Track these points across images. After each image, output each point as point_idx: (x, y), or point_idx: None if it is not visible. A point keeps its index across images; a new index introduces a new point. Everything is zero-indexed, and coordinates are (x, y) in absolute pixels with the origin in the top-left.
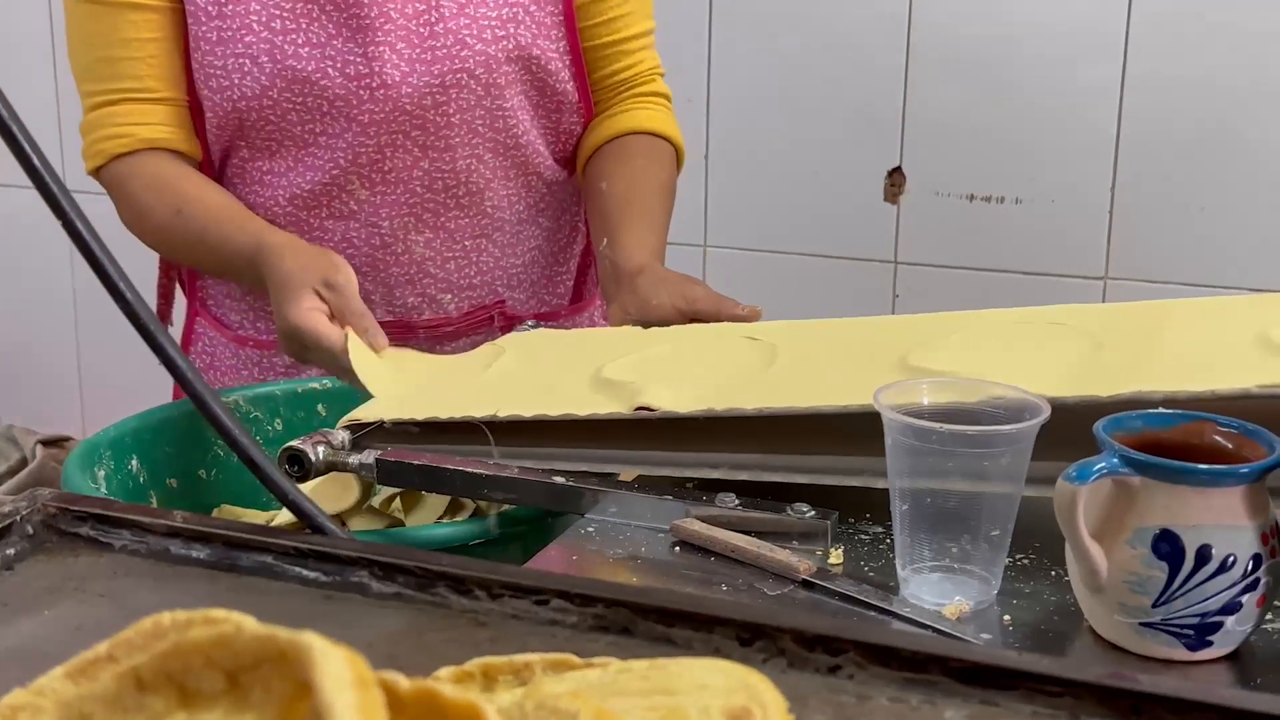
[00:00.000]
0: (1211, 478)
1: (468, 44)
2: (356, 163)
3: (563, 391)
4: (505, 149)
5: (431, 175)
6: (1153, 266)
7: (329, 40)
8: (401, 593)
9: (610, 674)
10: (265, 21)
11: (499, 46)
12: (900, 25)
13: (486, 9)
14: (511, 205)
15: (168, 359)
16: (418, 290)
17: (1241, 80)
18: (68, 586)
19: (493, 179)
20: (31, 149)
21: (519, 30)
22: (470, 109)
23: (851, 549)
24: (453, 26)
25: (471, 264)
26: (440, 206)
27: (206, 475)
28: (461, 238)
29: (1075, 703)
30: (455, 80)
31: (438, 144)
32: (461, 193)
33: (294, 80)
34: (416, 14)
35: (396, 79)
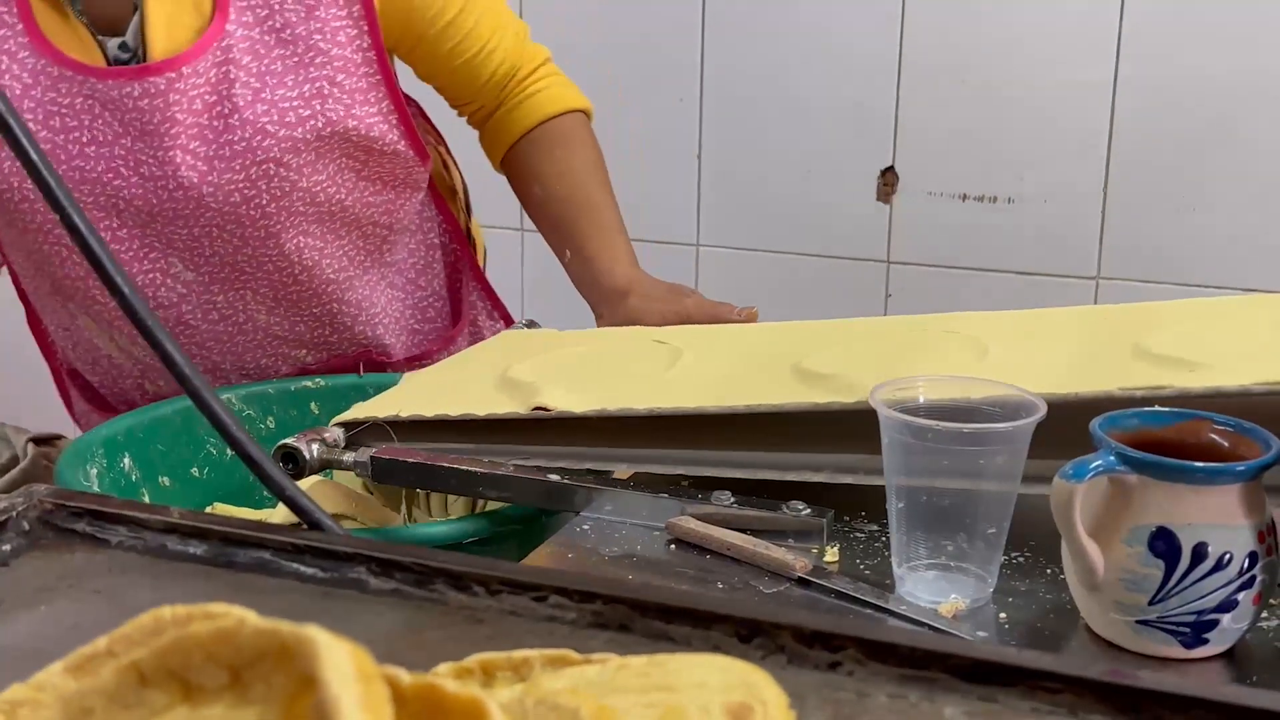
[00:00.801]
0: (1208, 476)
1: (268, 132)
2: (173, 247)
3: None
4: (332, 217)
5: (258, 258)
6: (1145, 266)
7: (116, 140)
8: (399, 589)
9: (609, 670)
10: (43, 120)
11: (305, 128)
12: (893, 25)
13: (285, 89)
14: (354, 262)
15: (165, 354)
16: (269, 352)
17: (1233, 81)
18: (64, 583)
19: (325, 247)
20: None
21: (327, 106)
22: (285, 195)
23: (847, 547)
24: (249, 116)
25: (323, 325)
26: (276, 284)
27: (199, 473)
28: (307, 306)
29: (1075, 699)
30: (262, 173)
31: (257, 233)
32: (296, 270)
33: (83, 180)
34: (207, 107)
35: (195, 180)
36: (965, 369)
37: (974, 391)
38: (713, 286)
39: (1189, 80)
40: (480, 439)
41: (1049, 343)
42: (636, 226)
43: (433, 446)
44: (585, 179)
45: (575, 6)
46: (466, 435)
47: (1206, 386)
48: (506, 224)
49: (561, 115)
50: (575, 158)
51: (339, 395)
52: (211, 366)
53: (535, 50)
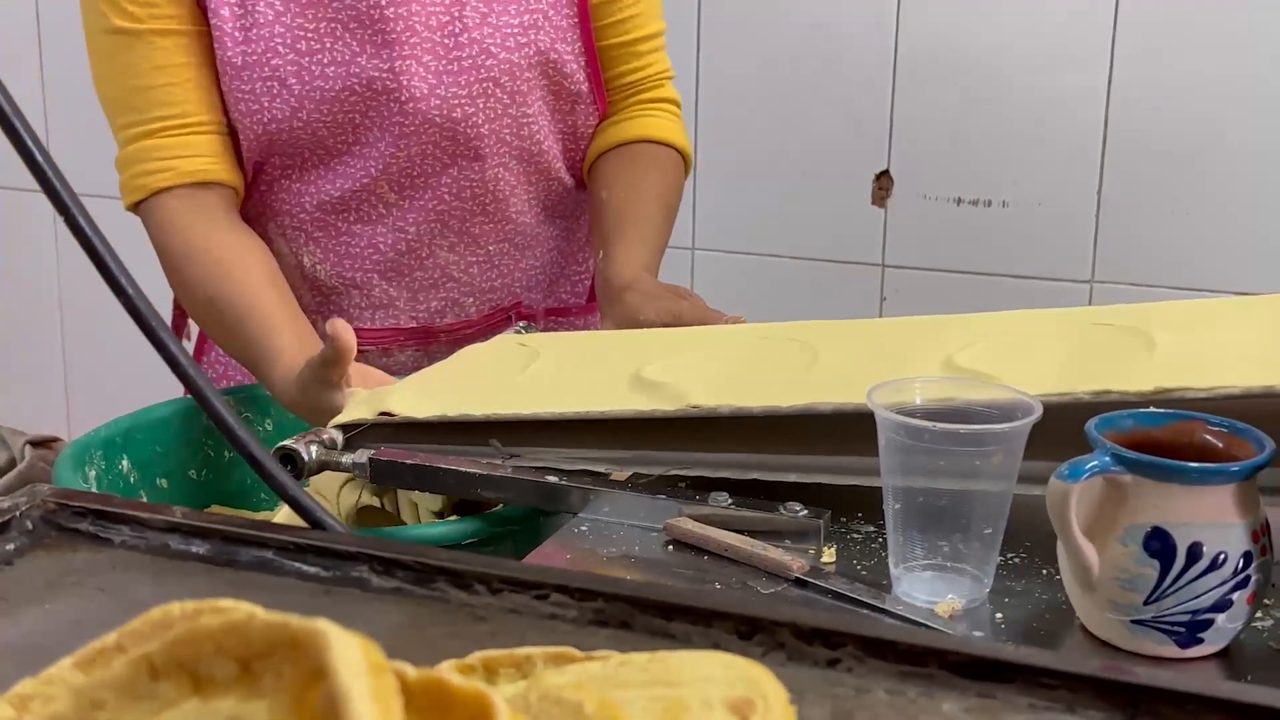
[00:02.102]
0: (1202, 476)
1: (492, 53)
2: (386, 172)
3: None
4: (529, 156)
5: (460, 184)
6: (1139, 270)
7: (354, 58)
8: (401, 587)
9: (611, 666)
10: (291, 44)
11: (521, 54)
12: (888, 29)
13: (509, 16)
14: (532, 209)
15: (169, 355)
16: (441, 295)
17: (1227, 84)
18: (67, 581)
19: (517, 186)
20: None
21: (539, 36)
22: (498, 118)
23: (844, 548)
24: (476, 36)
25: (494, 268)
26: (466, 214)
27: (197, 475)
28: (485, 243)
29: (1072, 696)
30: (482, 90)
31: (466, 153)
32: (488, 200)
33: (323, 100)
34: (440, 25)
35: (425, 91)
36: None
37: (970, 393)
38: (708, 290)
39: (1182, 84)
40: (478, 440)
41: (1044, 343)
42: None
43: (431, 447)
44: (649, 196)
45: None
46: (464, 436)
47: (1201, 388)
48: None
49: (662, 144)
50: (651, 178)
51: None
52: (387, 302)
53: (672, 90)
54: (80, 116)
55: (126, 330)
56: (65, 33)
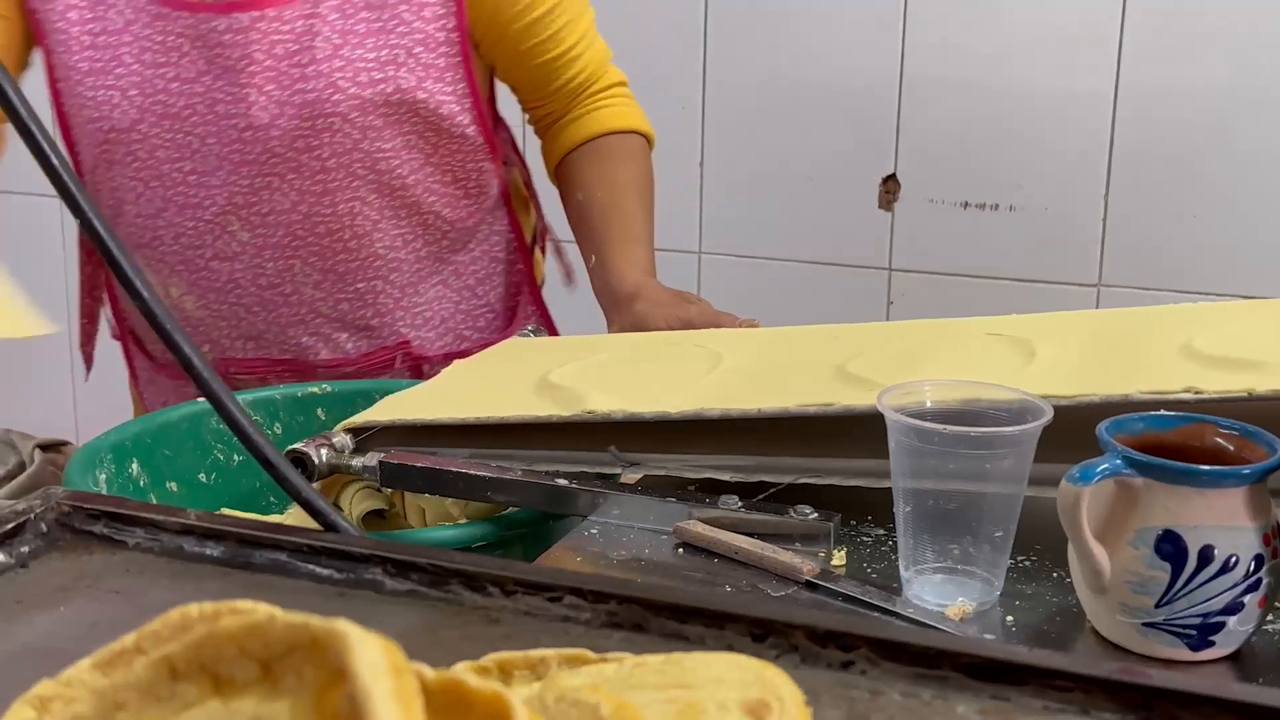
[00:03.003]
0: (1213, 479)
1: (339, 86)
2: (233, 203)
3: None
4: (391, 191)
5: (311, 219)
6: (1146, 273)
7: (198, 77)
8: (415, 590)
9: (626, 668)
10: (137, 54)
11: (375, 90)
12: (895, 33)
13: (364, 50)
14: (409, 245)
15: (184, 358)
16: (311, 330)
17: (1234, 88)
18: (82, 584)
19: (380, 220)
20: (50, 148)
21: (400, 73)
22: (345, 152)
23: (854, 551)
24: (324, 69)
25: (367, 305)
26: (325, 250)
27: (207, 479)
28: (352, 280)
29: (1086, 698)
30: (326, 124)
31: (314, 188)
32: (348, 236)
33: (164, 115)
34: (288, 54)
35: (265, 120)
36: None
37: (980, 395)
38: (715, 294)
39: (1188, 89)
40: (488, 444)
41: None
42: None
43: (441, 451)
44: (626, 190)
45: None
46: (474, 440)
47: (1213, 391)
48: None
49: (623, 133)
50: (623, 171)
51: (346, 401)
52: (256, 334)
53: (615, 72)
54: None
55: None
56: None
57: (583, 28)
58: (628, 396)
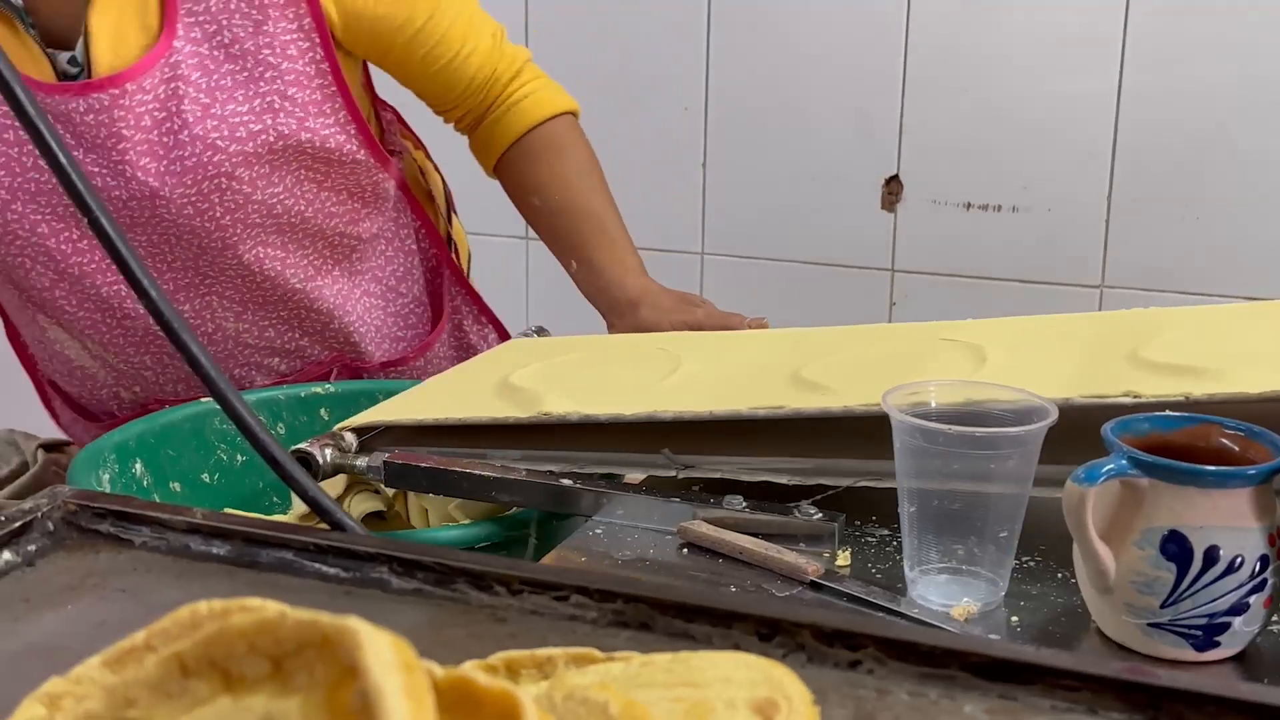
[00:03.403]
0: (1219, 479)
1: (219, 147)
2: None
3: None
4: (292, 228)
5: (218, 267)
6: (1149, 275)
7: (71, 151)
8: (421, 589)
9: (633, 667)
10: None
11: (258, 142)
12: (897, 34)
13: (235, 104)
14: (320, 274)
15: (191, 357)
16: (241, 361)
17: (1237, 90)
18: (89, 582)
19: (287, 257)
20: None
21: (279, 120)
22: (239, 207)
23: (859, 551)
24: (199, 132)
25: (293, 329)
26: (239, 288)
27: (210, 479)
28: (275, 309)
29: (1093, 697)
30: (214, 185)
31: (214, 244)
32: (259, 278)
33: (38, 193)
34: (156, 123)
35: (147, 194)
36: (965, 376)
37: (985, 396)
38: (717, 295)
39: (1192, 90)
40: (493, 444)
41: (1053, 349)
42: (642, 235)
43: (446, 451)
44: (583, 185)
45: (581, 16)
46: (479, 440)
47: (1219, 392)
48: (511, 232)
49: (550, 120)
50: (569, 164)
51: (349, 401)
52: (185, 376)
53: (515, 52)
54: None
55: None
56: None
57: (464, 22)
58: (631, 399)
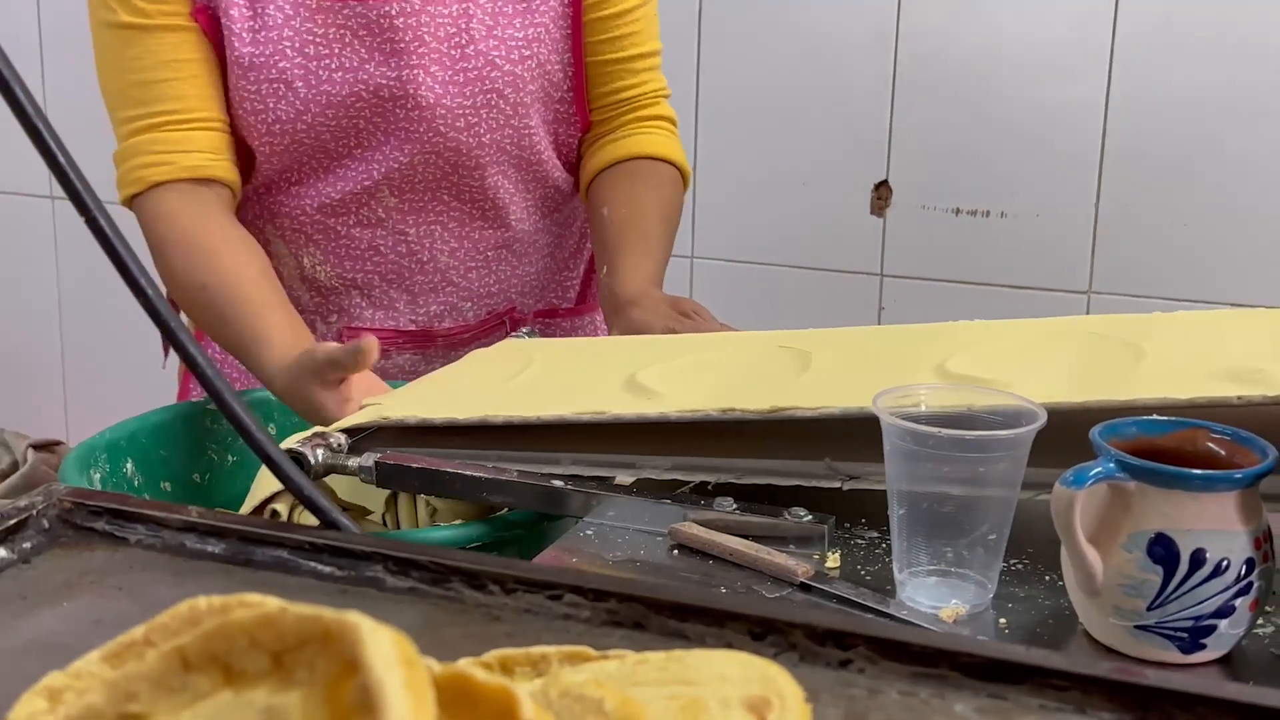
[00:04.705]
0: (1206, 483)
1: (497, 65)
2: (388, 178)
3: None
4: (527, 164)
5: (460, 190)
6: (1136, 281)
7: (362, 64)
8: (416, 588)
9: (628, 665)
10: (299, 47)
11: (524, 66)
12: (887, 41)
13: (514, 30)
14: (530, 216)
15: (187, 355)
16: (441, 299)
17: (1224, 97)
18: (85, 580)
19: (515, 193)
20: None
21: (540, 49)
22: (499, 128)
23: (848, 553)
24: (483, 49)
25: (492, 273)
26: (466, 218)
27: (201, 479)
28: (484, 249)
29: (1082, 697)
30: (486, 101)
31: (468, 163)
32: (488, 207)
33: (329, 105)
34: (448, 36)
35: (430, 101)
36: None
37: (975, 399)
38: (707, 298)
39: (1180, 96)
40: (483, 444)
41: (1043, 352)
42: None
43: (436, 451)
44: (650, 211)
45: None
46: (469, 440)
47: (1202, 397)
48: None
49: (660, 160)
50: (651, 194)
51: None
52: (387, 303)
53: (667, 107)
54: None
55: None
56: (66, 35)
57: (648, 49)
58: (624, 400)
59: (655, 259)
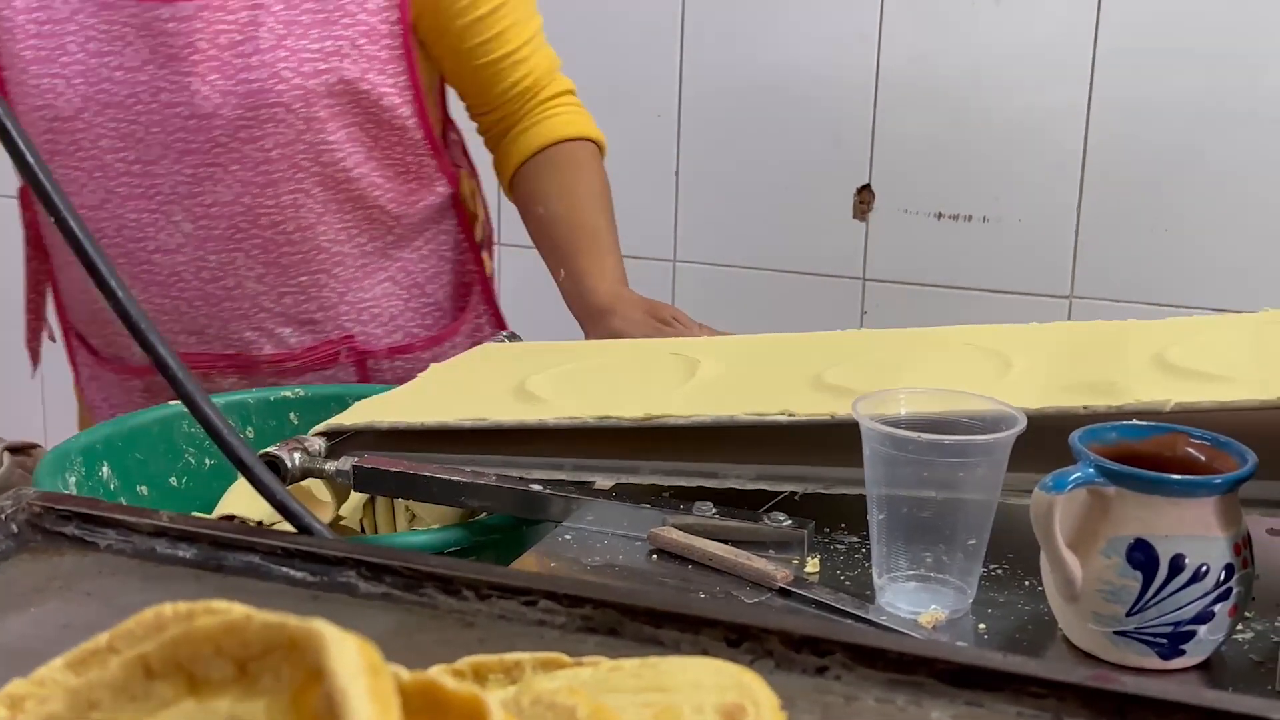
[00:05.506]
0: (1185, 488)
1: (283, 76)
2: (176, 192)
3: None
4: (335, 184)
5: (254, 210)
6: (1117, 286)
7: (142, 66)
8: (389, 593)
9: (602, 672)
10: (82, 44)
11: (319, 80)
12: (870, 45)
13: (308, 41)
14: (353, 240)
15: (159, 358)
16: (254, 324)
17: (1205, 104)
18: (54, 585)
19: (324, 213)
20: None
21: (344, 64)
22: (289, 143)
23: (828, 558)
24: (268, 59)
25: (311, 299)
26: (269, 242)
27: (177, 483)
28: (296, 273)
29: (1059, 704)
30: (270, 114)
31: (257, 179)
32: (291, 229)
33: (108, 104)
34: (231, 44)
35: (208, 109)
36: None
37: (955, 404)
38: (689, 302)
39: (1162, 103)
40: (462, 449)
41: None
42: None
43: (415, 456)
44: (587, 202)
45: (554, 21)
46: (448, 445)
47: (1186, 402)
48: None
49: (574, 140)
50: (580, 182)
51: (318, 405)
52: (198, 329)
53: (563, 80)
54: None
55: None
56: None
57: (529, 32)
58: (605, 403)
59: (613, 254)
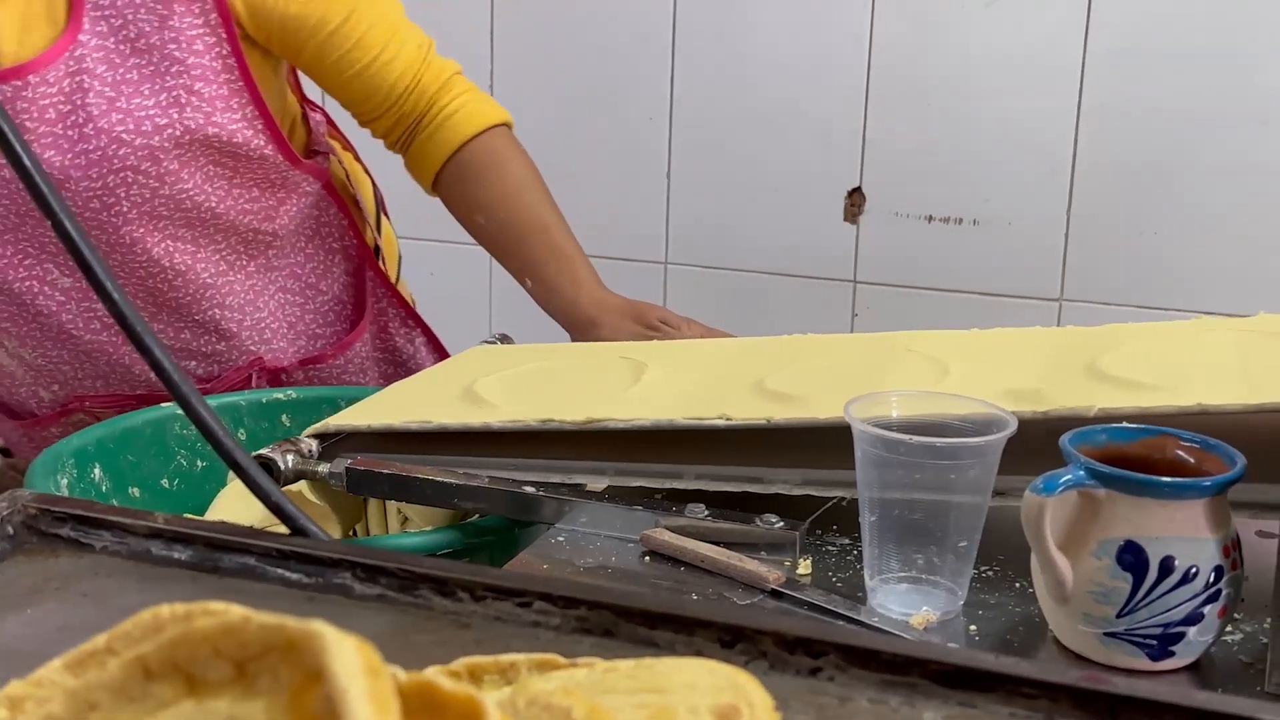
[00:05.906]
0: (1175, 491)
1: (124, 140)
2: (47, 251)
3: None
4: (203, 223)
5: (128, 264)
6: (1107, 289)
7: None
8: (384, 594)
9: (597, 673)
10: None
11: (163, 135)
12: (861, 48)
13: (141, 98)
14: (234, 267)
15: (154, 360)
16: None
17: (1194, 108)
18: (49, 587)
19: (198, 252)
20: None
21: (185, 113)
22: (146, 200)
23: (820, 560)
24: (104, 125)
25: (209, 332)
26: (152, 288)
27: (170, 485)
28: (188, 312)
29: (1051, 705)
30: (120, 180)
31: (122, 240)
32: (170, 274)
33: None
34: (61, 116)
35: (58, 180)
36: (928, 387)
37: (947, 407)
38: (680, 304)
39: (1151, 107)
40: (456, 451)
41: (1014, 361)
42: (605, 244)
43: (408, 458)
44: (526, 200)
45: (547, 26)
46: (441, 447)
47: (1179, 405)
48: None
49: (484, 133)
50: (510, 179)
51: (311, 407)
52: (103, 374)
53: (443, 64)
54: None
55: None
56: None
57: (388, 29)
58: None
59: (577, 255)
